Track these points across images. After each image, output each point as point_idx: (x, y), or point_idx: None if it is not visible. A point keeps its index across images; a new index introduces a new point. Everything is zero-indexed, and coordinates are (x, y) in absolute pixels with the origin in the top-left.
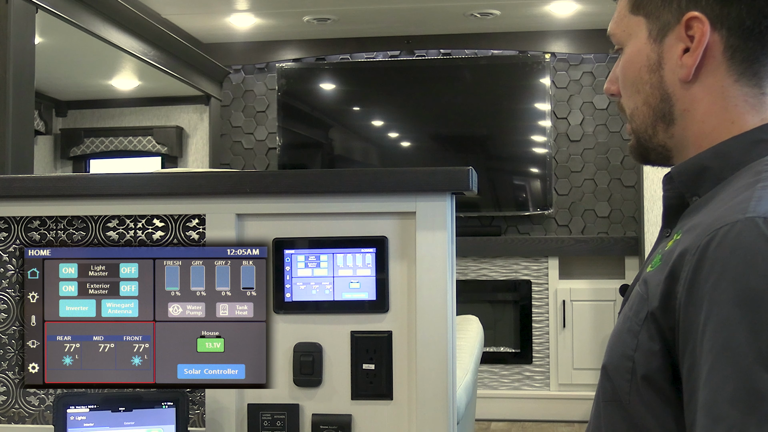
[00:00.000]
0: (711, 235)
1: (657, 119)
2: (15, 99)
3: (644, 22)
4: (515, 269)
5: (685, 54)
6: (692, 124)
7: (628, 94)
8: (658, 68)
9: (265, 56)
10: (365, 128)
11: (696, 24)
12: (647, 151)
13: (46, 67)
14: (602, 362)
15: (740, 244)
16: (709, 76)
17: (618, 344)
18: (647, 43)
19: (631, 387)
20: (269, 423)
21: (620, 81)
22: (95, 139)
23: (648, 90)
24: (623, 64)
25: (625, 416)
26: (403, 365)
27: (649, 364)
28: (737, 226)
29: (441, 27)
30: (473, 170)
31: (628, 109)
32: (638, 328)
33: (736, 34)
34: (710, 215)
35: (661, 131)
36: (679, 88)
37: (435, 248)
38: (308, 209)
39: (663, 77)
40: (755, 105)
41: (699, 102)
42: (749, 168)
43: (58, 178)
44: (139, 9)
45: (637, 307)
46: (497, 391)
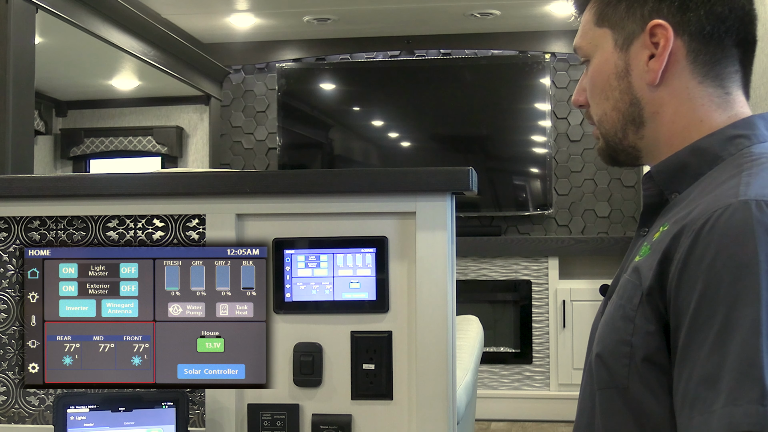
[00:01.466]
0: (705, 218)
1: (627, 123)
2: (15, 99)
3: (609, 33)
4: (515, 269)
5: (651, 60)
6: (662, 125)
7: (597, 102)
8: (626, 75)
9: (265, 56)
10: (365, 128)
11: (660, 31)
12: (617, 152)
13: (46, 67)
14: (594, 352)
15: (733, 224)
16: (675, 79)
17: (612, 332)
18: (614, 52)
19: (630, 371)
20: (269, 423)
21: (588, 90)
22: (95, 139)
23: (617, 96)
24: (591, 73)
25: (624, 400)
26: (403, 365)
27: (649, 346)
28: (730, 209)
29: (441, 27)
30: (473, 170)
31: (596, 115)
32: (633, 313)
33: (697, 39)
34: (697, 203)
35: (631, 133)
36: (647, 92)
37: (435, 248)
38: (308, 209)
39: (631, 83)
40: (721, 104)
41: (667, 104)
42: (728, 162)
43: (58, 178)
44: (139, 9)
45: (629, 294)
46: (497, 391)
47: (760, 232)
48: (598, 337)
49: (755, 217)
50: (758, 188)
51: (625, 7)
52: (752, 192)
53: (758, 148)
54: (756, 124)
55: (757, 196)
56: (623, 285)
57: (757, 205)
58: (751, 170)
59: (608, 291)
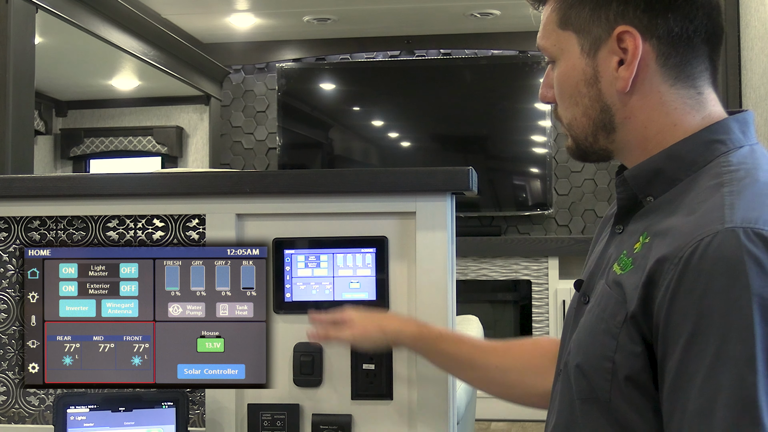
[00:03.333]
0: (693, 246)
1: (597, 129)
2: (15, 99)
3: (574, 37)
4: (515, 269)
5: (620, 67)
6: (634, 130)
7: (566, 106)
8: (595, 82)
9: (265, 56)
10: (365, 128)
11: (627, 37)
12: (587, 153)
13: (46, 67)
14: (575, 361)
15: (722, 255)
16: (646, 84)
17: (594, 345)
18: (581, 57)
19: (612, 386)
20: (269, 423)
21: (556, 93)
22: (95, 139)
23: (587, 102)
24: (558, 78)
25: (606, 413)
26: (403, 365)
27: (633, 366)
28: (718, 237)
29: (441, 27)
30: (473, 170)
31: (566, 119)
32: (617, 331)
33: (666, 42)
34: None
35: (602, 138)
36: (618, 98)
37: (435, 248)
38: (308, 209)
39: (601, 90)
40: (694, 105)
41: (639, 110)
42: (705, 170)
43: (58, 178)
44: (139, 9)
45: (612, 310)
46: None
47: (751, 264)
48: (576, 345)
49: (744, 247)
50: (744, 212)
51: (589, 11)
52: (738, 217)
53: (735, 156)
54: (731, 128)
55: (744, 222)
56: (605, 297)
57: (745, 234)
58: (732, 187)
59: (582, 287)
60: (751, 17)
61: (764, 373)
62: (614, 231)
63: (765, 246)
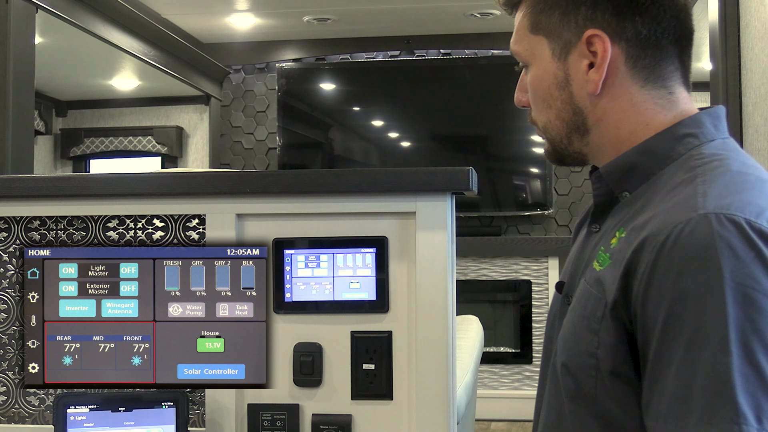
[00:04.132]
0: (667, 233)
1: (571, 131)
2: (15, 99)
3: (545, 41)
4: (515, 269)
5: (590, 70)
6: (607, 132)
7: (540, 109)
8: (567, 85)
9: (265, 56)
10: (365, 128)
11: (597, 41)
12: (563, 156)
13: (46, 67)
14: (560, 361)
15: (695, 240)
16: (616, 86)
17: (577, 342)
18: (552, 61)
19: (597, 382)
20: (269, 423)
21: (530, 97)
22: (95, 139)
23: (560, 105)
24: (532, 82)
25: (592, 409)
26: (403, 365)
27: (615, 359)
28: (691, 223)
29: (441, 27)
30: (473, 170)
31: (541, 122)
32: (597, 326)
33: (635, 45)
34: (656, 211)
35: (576, 140)
36: (589, 101)
37: (435, 248)
38: (308, 209)
39: (572, 93)
40: (665, 105)
41: (611, 111)
42: (679, 164)
43: (58, 178)
44: (139, 9)
45: (592, 306)
46: (497, 391)
47: (723, 248)
48: (562, 344)
49: (716, 232)
50: (716, 199)
51: (559, 16)
52: (710, 204)
53: (708, 148)
54: (703, 122)
55: (716, 209)
56: (585, 295)
57: (717, 219)
58: (706, 177)
59: (564, 288)
60: (751, 17)
61: (738, 354)
62: (591, 230)
63: (737, 230)
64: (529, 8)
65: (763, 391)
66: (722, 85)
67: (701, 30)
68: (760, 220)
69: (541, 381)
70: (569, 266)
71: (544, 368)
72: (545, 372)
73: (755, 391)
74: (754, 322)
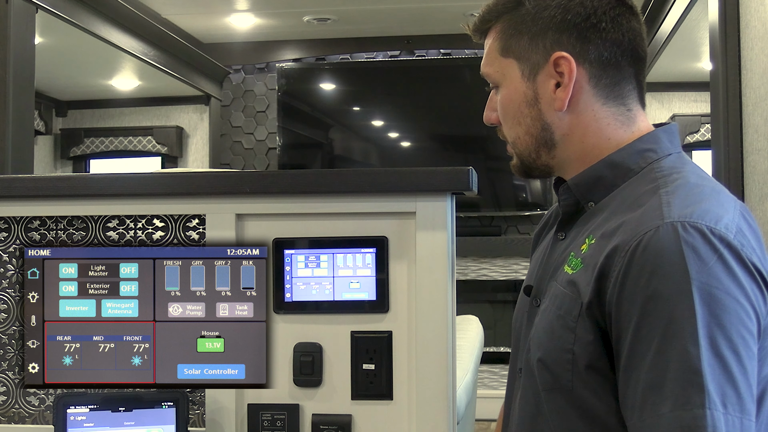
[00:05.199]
0: (638, 239)
1: (539, 145)
2: (15, 99)
3: (515, 63)
4: (515, 269)
5: (557, 88)
6: (572, 145)
7: (509, 126)
8: (536, 102)
9: (265, 56)
10: (365, 128)
11: (563, 62)
12: (531, 169)
13: (46, 67)
14: (536, 356)
15: (663, 245)
16: (580, 103)
17: (552, 339)
18: (521, 81)
19: (573, 375)
20: (269, 423)
21: (500, 114)
22: (95, 139)
23: (529, 122)
24: (502, 101)
25: (570, 400)
26: (403, 365)
27: (591, 355)
28: (659, 231)
29: (441, 27)
30: (473, 170)
31: (510, 138)
32: (574, 324)
33: (597, 66)
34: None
35: (544, 154)
36: (557, 117)
37: (435, 248)
38: (308, 209)
39: (541, 110)
40: (624, 121)
41: (576, 126)
42: (640, 176)
43: (58, 178)
44: (139, 9)
45: (568, 307)
46: (497, 391)
47: (688, 252)
48: (537, 342)
49: (682, 237)
50: (679, 208)
51: (528, 40)
52: (675, 213)
53: (665, 162)
54: (660, 138)
55: (680, 217)
56: (559, 297)
57: (683, 226)
58: (668, 188)
59: (532, 292)
60: (751, 17)
61: (706, 347)
62: (557, 238)
63: (700, 236)
64: (500, 33)
65: (726, 380)
66: (722, 85)
67: (701, 30)
68: (719, 226)
69: (510, 379)
70: (535, 271)
71: (513, 366)
72: (515, 369)
73: (720, 380)
74: (718, 318)
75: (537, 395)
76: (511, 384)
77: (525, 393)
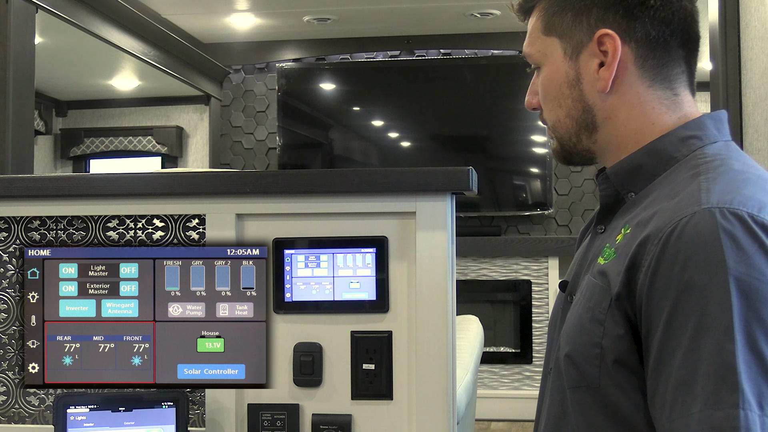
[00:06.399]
0: (672, 226)
1: (581, 129)
2: (15, 99)
3: (558, 42)
4: (515, 269)
5: (601, 68)
6: (615, 129)
7: (550, 108)
8: (578, 83)
9: (265, 56)
10: (365, 128)
11: (607, 40)
12: (571, 155)
13: (46, 67)
14: (563, 352)
15: (699, 232)
16: (625, 85)
17: (581, 333)
18: (564, 61)
19: (600, 371)
20: (269, 423)
21: (541, 96)
22: (95, 139)
23: (570, 104)
24: (543, 82)
25: (596, 398)
26: (403, 365)
27: (619, 348)
28: (696, 217)
29: (441, 27)
30: (473, 170)
31: (550, 121)
32: (603, 317)
33: (644, 45)
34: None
35: (585, 138)
36: (599, 99)
37: (435, 248)
38: (308, 209)
39: (583, 91)
40: (670, 106)
41: (619, 109)
42: (682, 164)
43: (58, 178)
44: (139, 9)
45: (597, 298)
46: (497, 391)
47: (726, 240)
48: (565, 337)
49: (720, 224)
50: (719, 194)
51: (571, 17)
52: (714, 199)
53: (710, 149)
54: (706, 125)
55: (720, 203)
56: (590, 287)
57: (721, 213)
58: (709, 175)
59: (567, 288)
60: (751, 17)
61: (742, 342)
62: (596, 231)
63: (740, 223)
64: (543, 11)
65: (764, 379)
66: (722, 85)
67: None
68: (762, 213)
69: (542, 381)
70: (574, 267)
71: (546, 366)
72: (546, 369)
73: (757, 378)
74: (757, 312)
75: (563, 394)
76: (543, 385)
77: (552, 394)
